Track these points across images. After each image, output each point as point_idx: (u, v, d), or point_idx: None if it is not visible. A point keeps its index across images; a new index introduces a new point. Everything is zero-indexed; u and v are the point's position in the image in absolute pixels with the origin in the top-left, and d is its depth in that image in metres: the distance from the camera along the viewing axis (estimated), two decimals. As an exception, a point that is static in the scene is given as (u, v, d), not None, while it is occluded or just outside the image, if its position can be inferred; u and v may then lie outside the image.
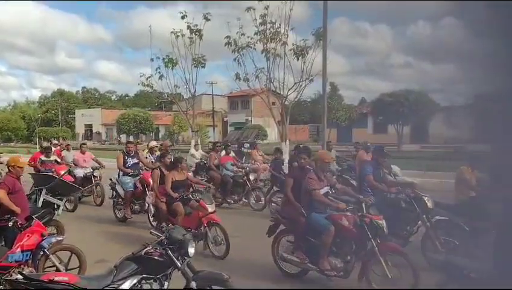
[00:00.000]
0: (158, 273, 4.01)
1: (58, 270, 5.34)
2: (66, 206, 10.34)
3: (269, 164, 12.22)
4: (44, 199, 8.39)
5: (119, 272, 3.96)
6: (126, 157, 10.25)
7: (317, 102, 41.41)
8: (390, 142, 35.15)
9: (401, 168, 12.51)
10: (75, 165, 12.76)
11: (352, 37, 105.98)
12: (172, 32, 20.25)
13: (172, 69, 20.98)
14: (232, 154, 13.24)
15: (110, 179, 10.70)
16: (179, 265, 4.02)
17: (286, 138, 19.60)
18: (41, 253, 5.42)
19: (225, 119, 65.05)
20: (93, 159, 13.00)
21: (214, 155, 12.57)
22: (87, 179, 12.27)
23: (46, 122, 71.23)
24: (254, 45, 19.13)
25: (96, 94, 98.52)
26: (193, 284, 4.01)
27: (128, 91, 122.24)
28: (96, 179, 12.37)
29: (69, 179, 10.82)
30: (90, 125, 71.40)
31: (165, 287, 4.06)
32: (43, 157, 12.00)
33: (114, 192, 10.41)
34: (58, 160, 12.48)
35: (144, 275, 3.98)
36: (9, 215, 5.66)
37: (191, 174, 10.41)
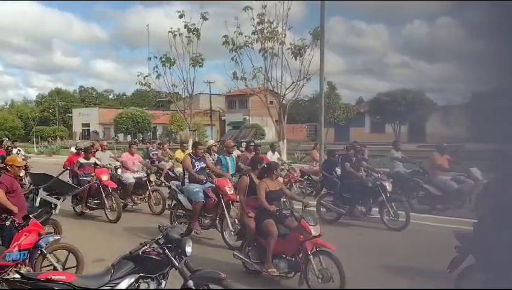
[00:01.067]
0: (155, 273, 4.02)
1: (55, 269, 5.33)
2: (108, 217, 10.02)
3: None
4: (41, 198, 8.37)
5: (116, 271, 3.96)
6: (194, 161, 8.30)
7: (315, 101, 41.39)
8: (387, 142, 35.21)
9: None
10: (125, 168, 11.17)
11: (349, 37, 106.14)
12: (170, 31, 20.24)
13: (170, 68, 20.99)
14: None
15: (169, 187, 9.03)
16: (177, 264, 4.02)
17: (284, 137, 19.61)
18: (39, 252, 5.41)
19: (223, 118, 65.05)
20: (140, 162, 11.62)
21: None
22: (141, 185, 10.91)
23: (43, 122, 71.01)
24: (252, 44, 19.14)
25: (94, 93, 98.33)
26: (190, 283, 4.01)
27: (126, 90, 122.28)
28: (151, 184, 10.94)
29: (112, 185, 10.06)
30: (88, 125, 71.23)
31: (163, 286, 4.07)
32: (81, 160, 10.65)
33: (174, 202, 8.60)
34: (98, 163, 10.97)
35: (142, 274, 3.98)
36: (6, 215, 5.67)
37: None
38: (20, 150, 13.69)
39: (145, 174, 10.94)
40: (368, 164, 10.79)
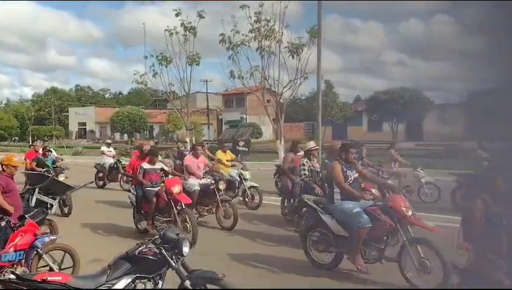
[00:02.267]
0: (152, 273, 3.99)
1: (51, 270, 5.30)
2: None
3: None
4: (37, 198, 8.33)
5: (113, 272, 3.94)
6: (345, 169, 6.19)
7: (312, 100, 41.41)
8: (385, 140, 35.24)
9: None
10: (189, 173, 9.38)
11: (346, 35, 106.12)
12: (166, 29, 20.23)
13: (166, 66, 21.00)
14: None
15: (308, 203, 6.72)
16: (173, 264, 4.00)
17: (281, 136, 19.62)
18: (35, 253, 5.38)
19: (220, 117, 64.94)
20: (206, 165, 10.01)
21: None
22: (207, 194, 9.27)
23: (39, 121, 70.79)
24: (249, 43, 19.16)
25: (90, 92, 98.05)
26: (187, 283, 3.99)
27: (122, 89, 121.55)
28: (220, 193, 9.20)
29: (186, 200, 8.09)
30: (84, 124, 71.03)
31: (159, 286, 4.04)
32: (145, 166, 8.64)
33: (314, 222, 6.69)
34: (166, 168, 9.20)
35: (138, 275, 3.95)
36: (2, 215, 5.63)
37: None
38: (51, 151, 13.26)
39: (213, 181, 9.28)
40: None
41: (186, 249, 4.05)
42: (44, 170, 11.02)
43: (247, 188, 11.32)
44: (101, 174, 15.65)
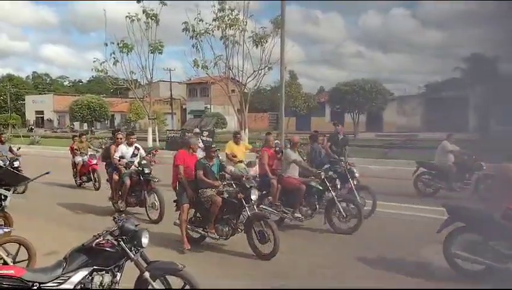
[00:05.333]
0: (110, 265, 3.93)
1: (5, 263, 5.13)
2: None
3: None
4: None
5: (68, 264, 3.85)
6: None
7: (277, 90, 41.61)
8: (347, 131, 35.92)
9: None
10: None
11: (307, 26, 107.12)
12: (127, 16, 19.71)
13: (127, 54, 20.51)
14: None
15: None
16: (132, 256, 3.95)
17: (245, 126, 19.63)
18: (-13, 246, 5.17)
19: (184, 106, 64.25)
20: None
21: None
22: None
23: (-7, 109, 67.70)
24: (212, 32, 18.96)
25: (48, 80, 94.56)
26: (146, 275, 3.95)
27: (81, 76, 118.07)
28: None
29: None
30: (42, 112, 68.55)
31: (118, 278, 3.99)
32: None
33: None
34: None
35: (95, 267, 3.88)
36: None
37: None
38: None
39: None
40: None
41: (145, 241, 4.01)
42: None
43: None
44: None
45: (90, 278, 3.87)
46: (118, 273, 4.00)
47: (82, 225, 8.45)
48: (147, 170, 8.96)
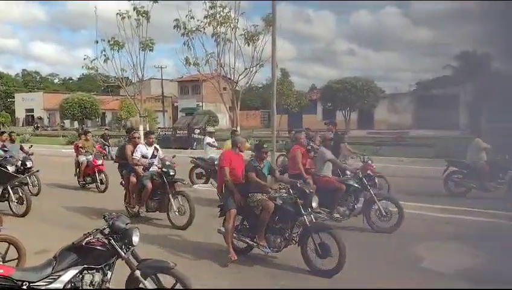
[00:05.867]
0: (100, 263, 3.89)
1: (-6, 262, 5.05)
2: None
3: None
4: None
5: (58, 263, 3.80)
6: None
7: (269, 88, 41.55)
8: (338, 128, 36.05)
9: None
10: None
11: (299, 24, 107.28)
12: (117, 13, 19.52)
13: (118, 51, 20.27)
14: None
15: None
16: (123, 254, 3.92)
17: (237, 124, 19.59)
18: (-25, 245, 5.10)
19: (175, 104, 63.97)
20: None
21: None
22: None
23: (-18, 107, 66.91)
24: (204, 29, 18.84)
25: (38, 77, 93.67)
26: (137, 273, 3.93)
27: (71, 74, 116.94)
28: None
29: None
30: (32, 110, 67.94)
31: (108, 277, 3.95)
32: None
33: None
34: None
35: (86, 266, 3.84)
36: None
37: None
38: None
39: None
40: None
41: (136, 239, 3.98)
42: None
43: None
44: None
45: (80, 276, 3.84)
46: (109, 272, 3.97)
47: (74, 224, 8.39)
48: (172, 172, 8.26)
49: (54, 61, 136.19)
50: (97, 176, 12.29)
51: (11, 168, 9.37)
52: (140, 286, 3.98)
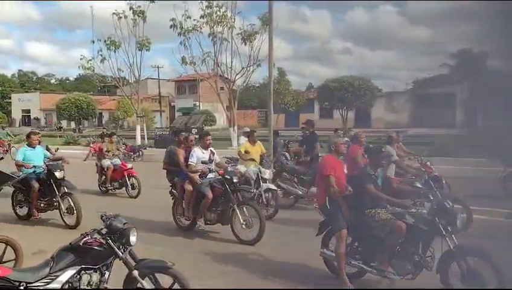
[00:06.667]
0: (98, 263, 3.89)
1: (-9, 263, 5.03)
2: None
3: None
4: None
5: (56, 263, 3.80)
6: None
7: (266, 87, 41.61)
8: (335, 127, 36.08)
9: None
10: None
11: (296, 23, 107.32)
12: (114, 13, 19.53)
13: (115, 51, 20.34)
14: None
15: None
16: (120, 254, 3.91)
17: (234, 124, 19.59)
18: (-28, 246, 5.08)
19: (172, 104, 63.83)
20: None
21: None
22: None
23: (-22, 108, 66.68)
24: (200, 29, 18.88)
25: (34, 78, 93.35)
26: (135, 273, 3.92)
27: (67, 74, 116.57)
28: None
29: None
30: (28, 111, 67.64)
31: (106, 277, 3.95)
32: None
33: None
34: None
35: (83, 266, 3.84)
36: None
37: None
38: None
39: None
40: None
41: (133, 239, 3.97)
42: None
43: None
44: None
45: (78, 277, 3.83)
46: (107, 272, 3.96)
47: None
48: (235, 179, 7.30)
49: (49, 61, 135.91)
50: (127, 180, 11.41)
51: (58, 174, 8.14)
52: (138, 285, 3.98)
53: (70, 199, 8.13)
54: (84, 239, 3.88)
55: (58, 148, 12.03)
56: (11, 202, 8.83)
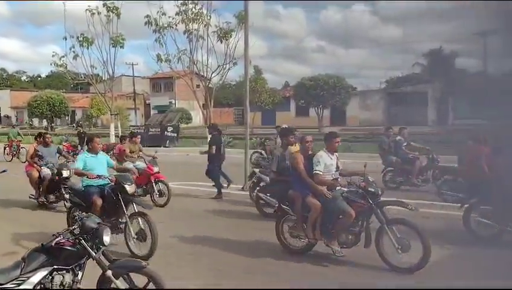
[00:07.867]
0: (71, 264, 3.84)
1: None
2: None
3: None
4: None
5: (27, 265, 3.72)
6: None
7: (242, 85, 41.55)
8: (311, 125, 36.46)
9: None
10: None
11: (271, 21, 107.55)
12: (87, 9, 19.16)
13: (88, 48, 19.94)
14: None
15: None
16: (94, 254, 3.87)
17: (210, 122, 19.52)
18: None
19: (147, 102, 63.12)
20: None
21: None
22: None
23: None
24: (176, 26, 18.73)
25: (4, 74, 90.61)
26: (109, 273, 3.88)
27: (38, 71, 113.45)
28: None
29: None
30: (-2, 108, 65.73)
31: (79, 277, 3.90)
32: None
33: None
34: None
35: (56, 266, 3.78)
36: None
37: None
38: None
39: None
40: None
41: (107, 239, 3.94)
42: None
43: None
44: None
45: (50, 278, 3.76)
46: (79, 273, 3.90)
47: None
48: (380, 192, 5.99)
49: (19, 58, 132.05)
50: (154, 186, 9.94)
51: (129, 188, 6.50)
52: (112, 286, 3.94)
53: (141, 221, 6.32)
54: (56, 239, 3.82)
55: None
56: (66, 219, 7.23)
